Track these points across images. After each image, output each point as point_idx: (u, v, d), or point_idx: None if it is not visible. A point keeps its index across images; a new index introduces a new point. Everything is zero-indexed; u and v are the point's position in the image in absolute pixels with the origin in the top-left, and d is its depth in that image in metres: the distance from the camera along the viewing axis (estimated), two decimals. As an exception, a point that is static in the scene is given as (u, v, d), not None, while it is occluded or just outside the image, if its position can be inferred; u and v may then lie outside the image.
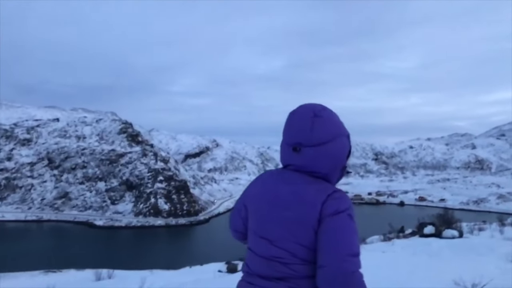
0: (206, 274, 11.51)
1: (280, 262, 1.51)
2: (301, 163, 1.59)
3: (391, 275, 5.67)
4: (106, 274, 11.61)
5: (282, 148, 1.67)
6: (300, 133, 1.57)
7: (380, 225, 26.50)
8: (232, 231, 1.86)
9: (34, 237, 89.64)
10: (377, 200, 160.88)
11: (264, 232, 1.58)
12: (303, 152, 1.57)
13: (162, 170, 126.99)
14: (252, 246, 1.64)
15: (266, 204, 1.60)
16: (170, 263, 28.32)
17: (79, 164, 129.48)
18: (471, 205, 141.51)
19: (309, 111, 1.60)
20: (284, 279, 1.50)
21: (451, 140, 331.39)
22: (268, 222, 1.58)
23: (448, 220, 19.91)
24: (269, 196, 1.60)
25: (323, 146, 1.57)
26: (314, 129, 1.56)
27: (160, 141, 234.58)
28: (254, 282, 1.56)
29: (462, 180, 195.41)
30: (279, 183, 1.60)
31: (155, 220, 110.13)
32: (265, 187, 1.64)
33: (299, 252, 1.50)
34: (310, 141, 1.56)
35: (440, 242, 10.67)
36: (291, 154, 1.60)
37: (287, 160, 1.63)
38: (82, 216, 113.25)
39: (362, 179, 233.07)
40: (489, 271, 6.39)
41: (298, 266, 1.50)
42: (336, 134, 1.62)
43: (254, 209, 1.66)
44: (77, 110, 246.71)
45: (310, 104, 1.65)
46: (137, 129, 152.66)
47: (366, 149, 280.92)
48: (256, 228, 1.63)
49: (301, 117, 1.59)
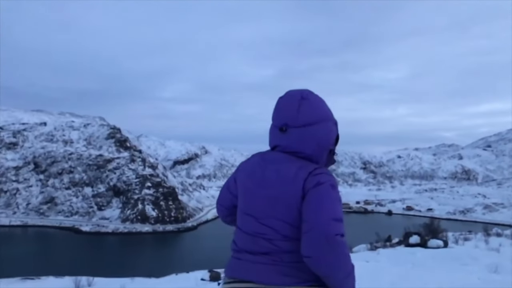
0: (188, 282, 11.39)
1: (264, 238, 1.59)
2: (287, 143, 1.65)
3: (373, 286, 5.65)
4: (85, 282, 11.40)
5: (270, 130, 1.75)
6: (287, 114, 1.65)
7: (368, 234, 26.60)
8: (218, 205, 1.93)
9: (18, 242, 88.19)
10: (365, 209, 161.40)
11: (250, 210, 1.66)
12: (289, 132, 1.64)
13: (150, 176, 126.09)
14: (239, 224, 1.71)
15: (253, 183, 1.67)
16: (156, 270, 28.02)
17: (66, 169, 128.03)
18: (458, 215, 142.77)
19: (297, 94, 1.69)
20: (268, 254, 1.57)
21: (439, 150, 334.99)
22: (253, 199, 1.65)
23: (434, 230, 20.04)
24: (256, 175, 1.67)
25: (309, 127, 1.64)
26: (300, 111, 1.64)
27: (149, 147, 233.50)
28: (242, 257, 1.64)
29: (449, 190, 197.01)
30: (266, 163, 1.67)
31: (142, 227, 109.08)
32: (253, 166, 1.71)
33: (282, 228, 1.56)
34: (296, 121, 1.63)
35: (424, 252, 10.71)
36: (278, 134, 1.67)
37: (274, 141, 1.71)
38: (68, 221, 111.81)
39: (351, 188, 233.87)
40: (472, 282, 6.41)
41: (281, 242, 1.56)
42: (322, 117, 1.69)
43: (242, 188, 1.72)
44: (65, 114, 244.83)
45: (297, 89, 1.73)
46: (125, 135, 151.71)
47: (355, 158, 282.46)
48: (243, 206, 1.71)
49: (288, 100, 1.68)
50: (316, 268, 1.48)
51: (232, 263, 1.68)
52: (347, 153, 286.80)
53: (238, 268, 1.64)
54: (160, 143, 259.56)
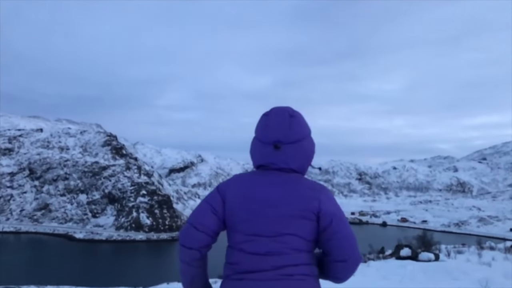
0: None
1: (277, 254, 1.63)
2: (282, 160, 1.73)
3: None
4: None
5: (257, 147, 1.79)
6: (280, 132, 1.72)
7: (362, 245, 26.64)
8: (197, 233, 1.73)
9: (10, 249, 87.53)
10: (360, 220, 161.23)
11: (259, 230, 1.66)
12: (283, 149, 1.71)
13: (146, 184, 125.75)
14: (243, 246, 1.68)
15: (258, 204, 1.67)
16: (147, 279, 27.87)
17: (61, 176, 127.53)
18: (452, 228, 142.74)
19: (284, 112, 1.76)
20: (280, 268, 1.62)
21: (434, 162, 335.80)
22: (263, 220, 1.66)
23: (428, 242, 20.09)
24: (260, 196, 1.68)
25: (299, 143, 1.74)
26: (291, 128, 1.73)
27: (145, 154, 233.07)
28: (247, 277, 1.63)
29: (444, 202, 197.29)
30: (266, 182, 1.71)
31: (136, 235, 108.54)
32: (253, 187, 1.71)
33: (297, 243, 1.65)
34: (289, 138, 1.72)
35: (415, 265, 10.69)
36: (272, 151, 1.73)
37: (268, 158, 1.75)
38: (62, 228, 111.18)
39: (346, 199, 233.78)
40: (460, 296, 6.40)
41: (293, 256, 1.64)
42: (308, 132, 1.80)
43: (243, 210, 1.70)
44: (62, 121, 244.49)
45: (281, 106, 1.81)
46: (121, 142, 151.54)
47: (350, 169, 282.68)
48: (247, 228, 1.68)
49: (279, 117, 1.75)
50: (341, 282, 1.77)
51: (234, 284, 1.65)
52: (342, 164, 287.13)
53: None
54: (156, 151, 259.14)
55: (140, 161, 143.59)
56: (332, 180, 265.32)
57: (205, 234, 1.73)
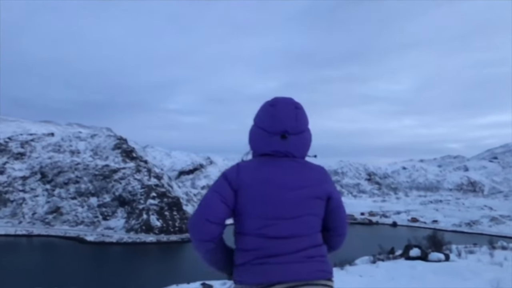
0: None
1: (299, 236, 1.72)
2: (288, 149, 1.81)
3: None
4: None
5: (262, 137, 1.85)
6: (287, 123, 1.80)
7: (372, 246, 26.52)
8: (208, 223, 1.72)
9: (23, 252, 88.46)
10: (369, 220, 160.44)
11: (279, 213, 1.72)
12: (289, 139, 1.80)
13: (155, 187, 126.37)
14: (263, 231, 1.71)
15: (275, 188, 1.73)
16: (158, 281, 28.10)
17: (72, 179, 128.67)
18: (464, 227, 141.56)
19: (290, 103, 1.86)
20: (303, 250, 1.71)
21: (444, 162, 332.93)
22: (281, 203, 1.72)
23: (438, 242, 19.95)
24: (276, 180, 1.75)
25: (303, 134, 1.86)
26: (298, 119, 1.83)
27: (155, 157, 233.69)
28: (270, 261, 1.67)
29: (454, 201, 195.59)
30: (284, 167, 1.80)
31: (147, 237, 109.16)
32: (267, 172, 1.78)
33: (315, 223, 1.80)
34: (295, 129, 1.81)
35: (425, 265, 10.71)
36: (279, 141, 1.80)
37: (274, 147, 1.82)
38: (73, 231, 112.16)
39: (355, 199, 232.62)
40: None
41: (313, 236, 1.78)
42: (308, 123, 1.91)
43: (259, 194, 1.73)
44: (72, 125, 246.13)
45: (285, 98, 1.90)
46: (131, 145, 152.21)
47: (359, 169, 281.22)
48: (266, 211, 1.72)
49: (286, 109, 1.83)
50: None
51: (257, 269, 1.67)
52: (352, 164, 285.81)
53: (269, 272, 1.66)
54: (165, 154, 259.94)
55: (150, 163, 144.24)
56: (341, 181, 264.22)
57: (217, 225, 1.73)
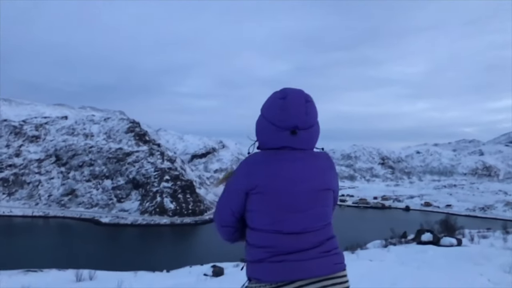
0: (190, 277, 11.51)
1: (312, 230, 1.70)
2: (297, 144, 1.73)
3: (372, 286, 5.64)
4: (87, 275, 11.61)
5: (271, 131, 1.75)
6: (298, 118, 1.71)
7: (384, 230, 26.43)
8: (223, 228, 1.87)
9: (40, 233, 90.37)
10: (382, 204, 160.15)
11: (293, 207, 1.69)
12: (299, 134, 1.72)
13: (169, 170, 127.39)
14: (277, 227, 1.69)
15: (289, 181, 1.69)
16: (171, 263, 28.47)
17: (86, 162, 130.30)
18: (477, 212, 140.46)
19: (301, 97, 1.76)
20: (318, 246, 1.68)
21: (459, 146, 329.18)
22: (295, 196, 1.69)
23: (451, 227, 19.78)
24: (290, 172, 1.70)
25: (313, 128, 1.77)
26: (308, 113, 1.73)
27: (167, 141, 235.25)
28: (286, 258, 1.65)
29: (469, 186, 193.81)
30: (294, 160, 1.73)
31: (161, 219, 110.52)
32: (279, 166, 1.71)
33: (327, 215, 1.78)
34: (305, 124, 1.72)
35: (436, 250, 10.62)
36: (288, 136, 1.72)
37: (283, 142, 1.73)
38: (88, 213, 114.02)
39: (368, 183, 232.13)
40: (481, 283, 6.32)
41: (326, 229, 1.75)
42: (317, 116, 1.82)
43: (273, 189, 1.69)
44: (86, 108, 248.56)
45: (296, 89, 1.79)
46: (144, 129, 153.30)
47: (373, 154, 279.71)
48: (280, 206, 1.69)
49: (296, 103, 1.73)
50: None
51: (276, 267, 1.65)
52: (365, 148, 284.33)
53: (288, 270, 1.64)
54: (178, 137, 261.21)
55: (163, 147, 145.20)
56: (354, 165, 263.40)
57: (231, 227, 1.86)
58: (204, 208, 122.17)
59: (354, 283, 1.84)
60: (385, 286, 5.83)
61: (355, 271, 4.15)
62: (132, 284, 10.03)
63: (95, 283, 10.75)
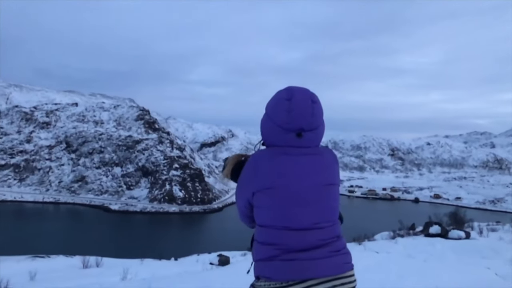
0: (196, 265, 11.53)
1: (321, 227, 1.68)
2: (302, 144, 1.72)
3: (378, 278, 5.58)
4: (94, 262, 11.67)
5: (276, 133, 1.74)
6: (304, 120, 1.69)
7: (392, 221, 26.32)
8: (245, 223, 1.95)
9: (50, 219, 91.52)
10: (391, 196, 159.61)
11: (300, 203, 1.67)
12: (304, 136, 1.70)
13: (178, 158, 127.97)
14: (286, 223, 1.67)
15: (296, 178, 1.68)
16: (180, 251, 28.66)
17: (96, 149, 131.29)
18: (487, 205, 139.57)
19: (307, 97, 1.72)
20: (325, 246, 1.66)
21: (470, 138, 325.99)
22: (303, 191, 1.68)
23: (460, 219, 19.61)
24: (296, 170, 1.69)
25: (319, 128, 1.75)
26: (314, 115, 1.71)
27: (177, 129, 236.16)
28: (296, 257, 1.63)
29: (479, 179, 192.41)
30: (300, 155, 1.71)
31: (170, 207, 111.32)
32: (284, 164, 1.70)
33: (335, 211, 1.76)
34: (310, 126, 1.70)
35: (444, 243, 10.51)
36: (294, 138, 1.70)
37: (288, 143, 1.72)
38: (98, 200, 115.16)
39: (377, 174, 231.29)
40: (488, 278, 6.25)
41: (334, 227, 1.74)
42: (323, 116, 1.79)
43: (278, 186, 1.68)
44: (96, 95, 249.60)
45: (301, 89, 1.76)
46: (154, 117, 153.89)
47: (383, 144, 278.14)
48: (288, 203, 1.67)
49: (302, 104, 1.70)
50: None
51: (288, 265, 1.63)
52: (375, 139, 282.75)
53: (300, 268, 1.62)
54: (188, 126, 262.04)
55: (172, 135, 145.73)
56: (363, 156, 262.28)
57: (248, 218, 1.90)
58: (212, 197, 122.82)
59: (359, 275, 1.85)
60: (391, 278, 5.78)
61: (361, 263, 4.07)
62: (138, 271, 10.07)
63: (101, 270, 10.81)
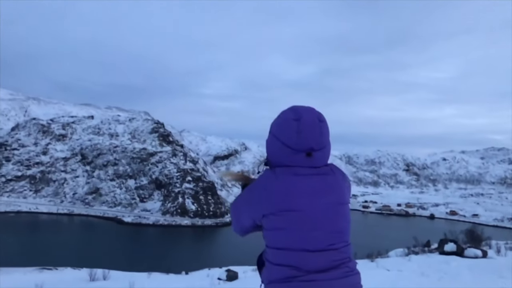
0: (204, 280, 11.33)
1: (335, 249, 1.67)
2: (311, 164, 1.71)
3: None
4: (101, 275, 11.55)
5: (285, 154, 1.72)
6: (313, 140, 1.69)
7: (407, 238, 25.77)
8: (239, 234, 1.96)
9: (63, 230, 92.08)
10: (406, 212, 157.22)
11: (315, 224, 1.65)
12: (314, 156, 1.70)
13: (191, 171, 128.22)
14: (304, 245, 1.64)
15: (309, 198, 1.66)
16: (191, 264, 28.43)
17: (110, 161, 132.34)
18: (506, 222, 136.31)
19: (315, 118, 1.72)
20: (338, 267, 1.65)
21: (487, 154, 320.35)
22: (316, 213, 1.66)
23: (477, 237, 18.98)
24: (309, 190, 1.67)
25: (326, 147, 1.75)
26: (322, 134, 1.71)
27: (190, 142, 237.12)
28: (313, 278, 1.61)
29: (497, 195, 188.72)
30: (310, 177, 1.70)
31: (182, 220, 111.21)
32: (296, 184, 1.68)
33: (347, 231, 1.74)
34: (319, 145, 1.70)
35: (460, 261, 10.13)
36: (303, 158, 1.69)
37: (298, 163, 1.70)
38: (111, 212, 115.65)
39: (392, 190, 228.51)
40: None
41: (348, 248, 1.72)
42: (329, 135, 1.79)
43: (292, 208, 1.66)
44: (112, 108, 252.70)
45: (307, 108, 1.77)
46: (168, 129, 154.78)
47: (398, 160, 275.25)
48: (302, 224, 1.65)
49: (311, 124, 1.70)
50: None
51: (304, 286, 1.61)
52: (389, 154, 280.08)
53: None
54: (201, 139, 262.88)
55: (186, 148, 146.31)
56: (378, 171, 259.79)
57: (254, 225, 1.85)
58: (225, 210, 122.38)
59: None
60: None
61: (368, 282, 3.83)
62: (144, 285, 9.91)
63: (108, 283, 10.69)
